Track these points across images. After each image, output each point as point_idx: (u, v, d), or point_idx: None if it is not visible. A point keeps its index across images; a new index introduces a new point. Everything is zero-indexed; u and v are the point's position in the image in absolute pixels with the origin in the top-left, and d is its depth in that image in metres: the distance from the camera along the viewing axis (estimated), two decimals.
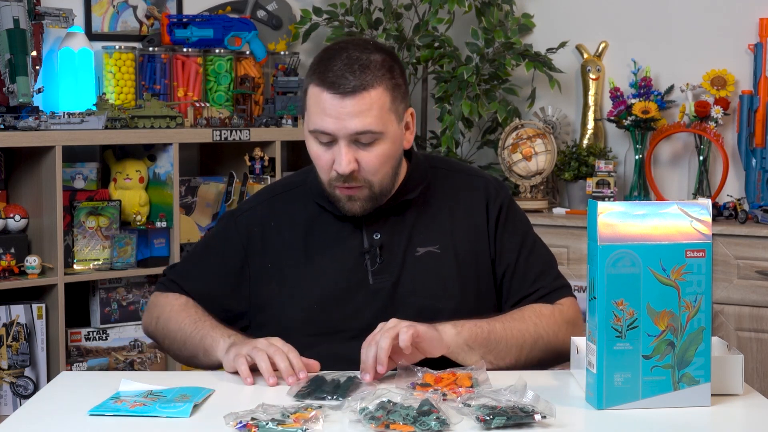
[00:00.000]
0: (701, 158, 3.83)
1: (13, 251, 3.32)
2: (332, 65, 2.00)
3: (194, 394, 1.82)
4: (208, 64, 3.92)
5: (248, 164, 3.76)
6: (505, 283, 2.16)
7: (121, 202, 3.58)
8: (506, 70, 3.98)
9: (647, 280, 1.74)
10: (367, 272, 2.10)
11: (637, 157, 3.92)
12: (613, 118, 3.91)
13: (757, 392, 1.88)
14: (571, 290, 2.19)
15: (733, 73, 3.82)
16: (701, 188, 3.83)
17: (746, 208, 3.66)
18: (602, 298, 1.74)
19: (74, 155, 3.57)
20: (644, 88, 3.88)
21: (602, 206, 1.74)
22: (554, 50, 4.05)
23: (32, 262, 3.31)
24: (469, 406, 1.72)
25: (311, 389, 1.85)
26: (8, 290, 3.31)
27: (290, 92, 3.94)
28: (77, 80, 3.64)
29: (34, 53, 3.38)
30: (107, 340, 3.53)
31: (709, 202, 1.77)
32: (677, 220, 1.75)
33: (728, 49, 3.85)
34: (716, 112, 3.74)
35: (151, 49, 3.81)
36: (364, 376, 1.90)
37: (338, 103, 1.99)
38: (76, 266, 3.47)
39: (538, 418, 1.67)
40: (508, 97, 4.07)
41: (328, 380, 1.88)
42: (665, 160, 4.01)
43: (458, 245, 2.13)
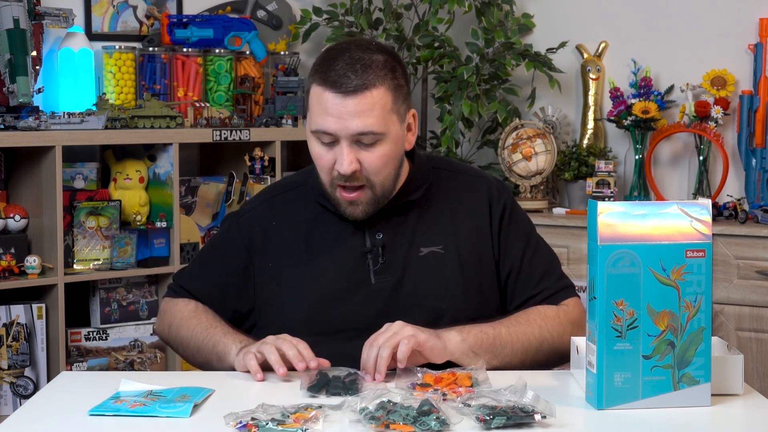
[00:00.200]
0: (701, 158, 3.83)
1: (13, 251, 3.32)
2: (334, 65, 2.00)
3: (194, 394, 1.82)
4: (208, 64, 3.92)
5: (248, 164, 3.76)
6: (509, 284, 2.16)
7: (121, 202, 3.57)
8: (506, 70, 3.98)
9: (647, 280, 1.74)
10: (369, 272, 2.10)
11: (637, 157, 3.92)
12: (613, 118, 3.91)
13: (757, 392, 1.88)
14: (575, 290, 2.19)
15: (733, 73, 3.81)
16: (701, 188, 3.83)
17: (746, 208, 3.66)
18: (602, 298, 1.74)
19: (74, 155, 3.57)
20: (644, 88, 3.87)
21: (602, 206, 1.74)
22: (554, 50, 4.05)
23: (32, 262, 3.30)
24: (469, 406, 1.72)
25: (323, 383, 1.86)
26: (8, 290, 3.31)
27: (290, 92, 3.94)
28: (77, 80, 3.64)
29: (34, 53, 3.38)
30: (107, 340, 3.53)
31: (709, 202, 1.77)
32: (677, 220, 1.75)
33: (728, 49, 3.85)
34: (716, 112, 3.74)
35: (151, 49, 3.81)
36: (365, 375, 1.92)
37: (340, 102, 1.99)
38: (76, 266, 3.47)
39: (538, 418, 1.67)
40: (508, 97, 4.07)
41: (330, 377, 1.89)
42: (665, 160, 4.01)
43: (461, 246, 2.13)
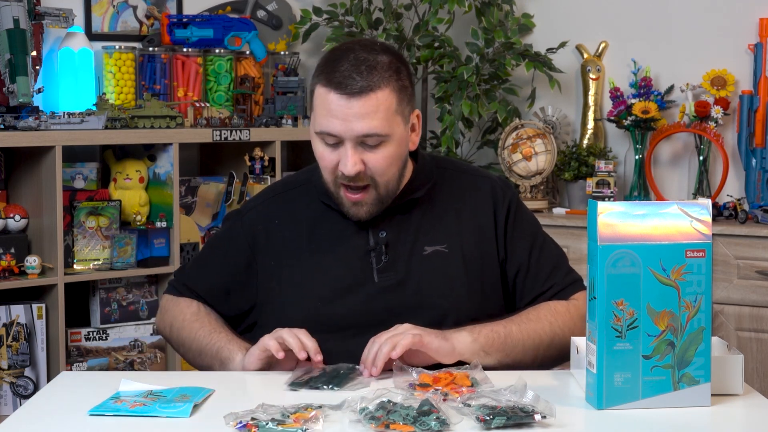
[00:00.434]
0: (701, 158, 3.82)
1: (13, 251, 3.32)
2: (339, 66, 2.00)
3: (194, 394, 1.82)
4: (208, 64, 3.92)
5: (248, 164, 3.76)
6: (518, 282, 2.16)
7: (121, 202, 3.57)
8: (506, 70, 3.98)
9: (647, 280, 1.74)
10: (372, 270, 2.10)
11: (637, 157, 3.92)
12: (613, 118, 3.91)
13: (757, 392, 1.88)
14: (583, 284, 2.19)
15: (733, 73, 3.81)
16: (701, 188, 3.83)
17: (746, 208, 3.66)
18: (602, 298, 1.74)
19: (74, 155, 3.57)
20: (644, 88, 3.87)
21: (602, 206, 1.74)
22: (554, 50, 4.05)
23: (32, 262, 3.30)
24: (469, 406, 1.72)
25: (307, 378, 1.87)
26: (8, 290, 3.31)
27: (290, 92, 3.94)
28: (77, 80, 3.64)
29: (34, 53, 3.38)
30: (107, 340, 3.53)
31: (709, 202, 1.77)
32: (677, 220, 1.75)
33: (728, 49, 3.85)
34: (716, 112, 3.74)
35: (151, 49, 3.81)
36: (363, 370, 1.94)
37: (345, 104, 1.99)
38: (76, 266, 3.47)
39: (538, 418, 1.67)
40: (508, 97, 4.07)
41: (328, 371, 1.90)
42: (665, 160, 4.01)
43: (465, 246, 2.13)
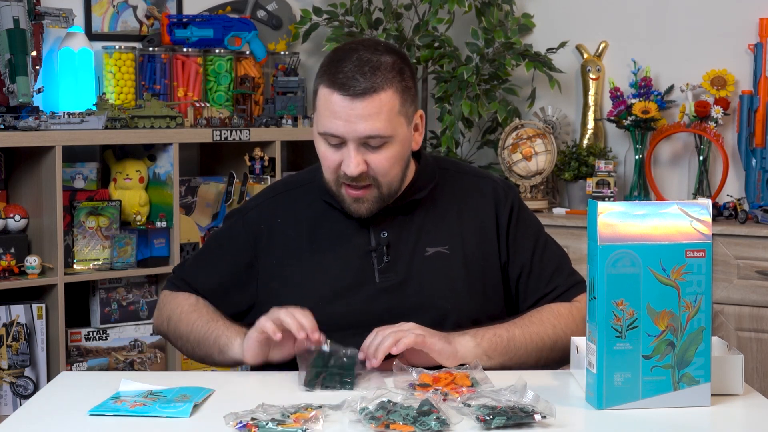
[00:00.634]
0: (701, 158, 3.82)
1: (13, 251, 3.32)
2: (343, 66, 2.00)
3: (194, 394, 1.82)
4: (208, 64, 3.92)
5: (248, 164, 3.76)
6: (521, 284, 2.16)
7: (121, 202, 3.57)
8: (506, 70, 3.98)
9: (647, 280, 1.74)
10: (373, 270, 2.10)
11: (637, 157, 3.92)
12: (613, 118, 3.91)
13: (757, 392, 1.88)
14: (585, 286, 2.18)
15: (733, 73, 3.81)
16: (701, 188, 3.83)
17: (746, 208, 3.66)
18: (602, 298, 1.74)
19: (74, 155, 3.57)
20: (644, 88, 3.87)
21: (602, 206, 1.74)
22: (554, 50, 4.05)
23: (32, 262, 3.30)
24: (469, 406, 1.72)
25: (320, 375, 1.87)
26: (8, 290, 3.31)
27: (290, 92, 3.94)
28: (77, 80, 3.64)
29: (34, 53, 3.38)
30: (107, 340, 3.53)
31: (709, 202, 1.77)
32: (677, 220, 1.75)
33: (728, 49, 3.85)
34: (716, 112, 3.74)
35: (151, 49, 3.81)
36: (360, 357, 1.94)
37: (348, 105, 1.98)
38: (76, 266, 3.47)
39: (538, 418, 1.67)
40: (508, 97, 4.07)
41: (328, 351, 1.91)
42: (665, 160, 4.01)
43: (467, 247, 2.13)
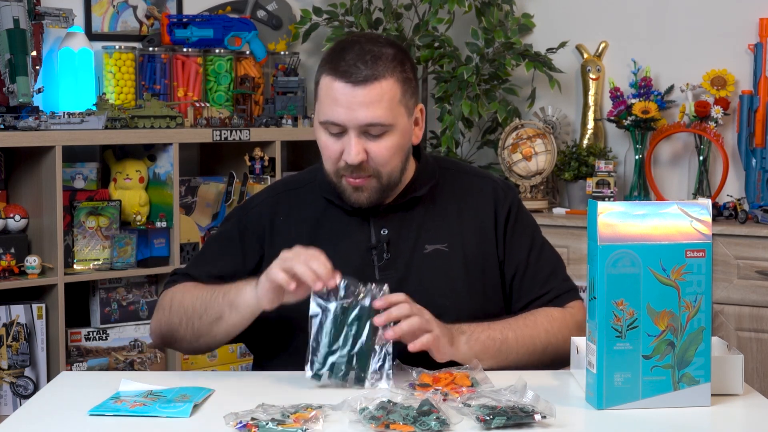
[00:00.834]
0: (701, 158, 3.82)
1: (13, 251, 3.32)
2: (345, 56, 2.02)
3: (194, 394, 1.82)
4: (208, 64, 3.92)
5: (248, 164, 3.76)
6: (515, 284, 2.16)
7: (121, 202, 3.57)
8: (506, 70, 3.98)
9: (647, 280, 1.74)
10: (373, 267, 2.10)
11: (637, 157, 3.92)
12: (613, 118, 3.91)
13: (757, 392, 1.88)
14: (579, 293, 2.19)
15: (733, 73, 3.81)
16: (701, 188, 3.83)
17: (746, 208, 3.66)
18: (602, 298, 1.74)
19: (74, 155, 3.57)
20: (644, 88, 3.87)
21: (602, 206, 1.74)
22: (554, 50, 4.05)
23: (32, 262, 3.30)
24: (469, 406, 1.72)
25: (328, 365, 1.87)
26: (8, 290, 3.31)
27: (290, 92, 3.94)
28: (77, 80, 3.64)
29: (34, 53, 3.38)
30: (107, 340, 3.53)
31: (709, 202, 1.77)
32: (677, 220, 1.75)
33: (728, 49, 3.85)
34: (716, 112, 3.74)
35: (151, 49, 3.81)
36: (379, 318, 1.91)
37: (350, 92, 2.00)
38: (76, 266, 3.47)
39: (538, 418, 1.67)
40: (508, 97, 4.07)
41: (344, 284, 1.90)
42: (665, 160, 4.01)
43: (466, 245, 2.14)
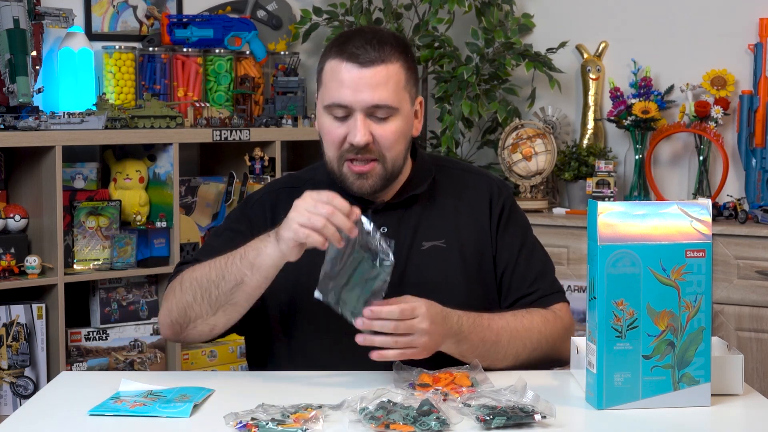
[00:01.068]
0: (701, 158, 3.82)
1: (13, 251, 3.32)
2: (352, 40, 2.05)
3: (194, 394, 1.82)
4: (208, 64, 3.92)
5: (248, 164, 3.76)
6: (503, 281, 2.16)
7: (121, 202, 3.57)
8: (506, 70, 3.98)
9: (647, 280, 1.74)
10: None
11: (637, 157, 3.92)
12: (613, 118, 3.91)
13: (757, 392, 1.88)
14: (565, 296, 2.20)
15: (733, 73, 3.81)
16: (701, 188, 3.83)
17: (746, 208, 3.66)
18: (602, 298, 1.74)
19: (74, 155, 3.57)
20: (644, 88, 3.87)
21: (602, 206, 1.74)
22: (554, 50, 4.05)
23: (32, 262, 3.30)
24: (469, 406, 1.72)
25: (334, 289, 1.88)
26: (8, 290, 3.31)
27: (290, 92, 3.94)
28: (77, 80, 3.64)
29: (34, 53, 3.38)
30: (107, 340, 3.53)
31: (709, 202, 1.77)
32: (677, 220, 1.75)
33: (728, 49, 3.85)
34: (716, 112, 3.74)
35: (151, 49, 3.81)
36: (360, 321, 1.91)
37: (357, 73, 2.02)
38: (76, 266, 3.47)
39: (538, 418, 1.67)
40: (508, 97, 4.07)
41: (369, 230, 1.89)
42: (665, 160, 4.01)
43: (463, 242, 2.14)
